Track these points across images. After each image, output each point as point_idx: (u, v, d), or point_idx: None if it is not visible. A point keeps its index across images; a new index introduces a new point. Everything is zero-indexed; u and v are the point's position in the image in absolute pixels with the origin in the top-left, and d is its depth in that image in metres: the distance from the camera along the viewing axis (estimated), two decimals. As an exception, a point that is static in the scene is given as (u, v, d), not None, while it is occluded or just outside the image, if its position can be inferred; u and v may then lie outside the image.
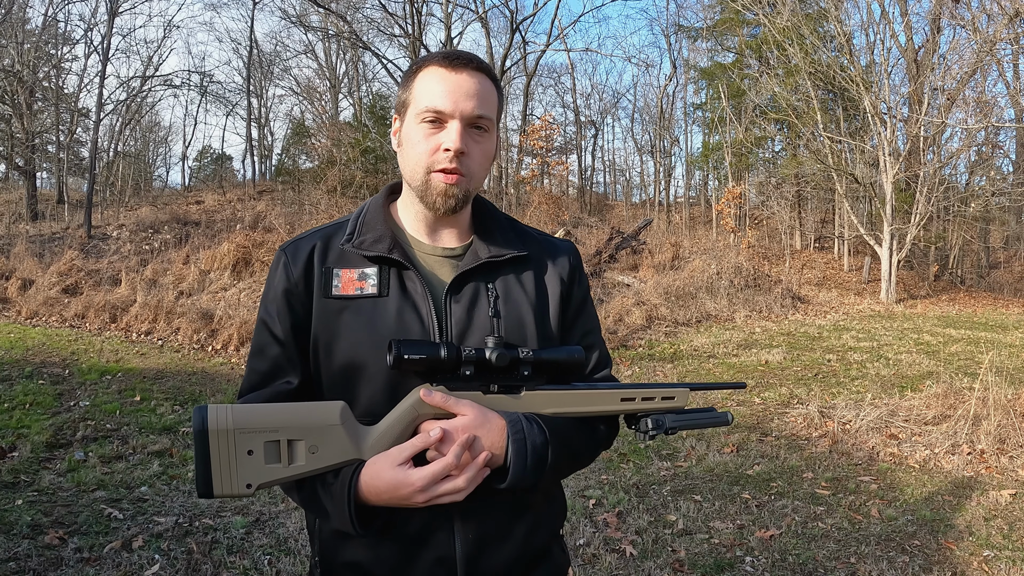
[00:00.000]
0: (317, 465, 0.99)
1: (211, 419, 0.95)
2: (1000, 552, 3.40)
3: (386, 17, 21.26)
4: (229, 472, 0.95)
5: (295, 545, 3.27)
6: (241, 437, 0.95)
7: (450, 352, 1.01)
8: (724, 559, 3.29)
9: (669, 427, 1.17)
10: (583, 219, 21.43)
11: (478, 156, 1.11)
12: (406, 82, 1.13)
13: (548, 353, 1.09)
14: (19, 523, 3.34)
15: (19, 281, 10.67)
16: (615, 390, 1.18)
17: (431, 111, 1.07)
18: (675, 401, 1.20)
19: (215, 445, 0.94)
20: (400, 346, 0.99)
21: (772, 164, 24.80)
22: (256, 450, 0.96)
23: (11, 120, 17.91)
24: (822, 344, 9.64)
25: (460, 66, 1.08)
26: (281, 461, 0.97)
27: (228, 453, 0.95)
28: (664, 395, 1.20)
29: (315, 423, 0.99)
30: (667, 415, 1.18)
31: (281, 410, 0.99)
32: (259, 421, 0.97)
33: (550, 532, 1.21)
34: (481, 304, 1.12)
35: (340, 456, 1.00)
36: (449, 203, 1.10)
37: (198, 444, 0.95)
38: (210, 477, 0.95)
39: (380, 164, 19.91)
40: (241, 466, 0.96)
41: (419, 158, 1.09)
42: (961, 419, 5.13)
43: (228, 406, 0.97)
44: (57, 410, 5.46)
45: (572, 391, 1.13)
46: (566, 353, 1.11)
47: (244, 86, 26.64)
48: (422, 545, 1.09)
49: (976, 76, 17.26)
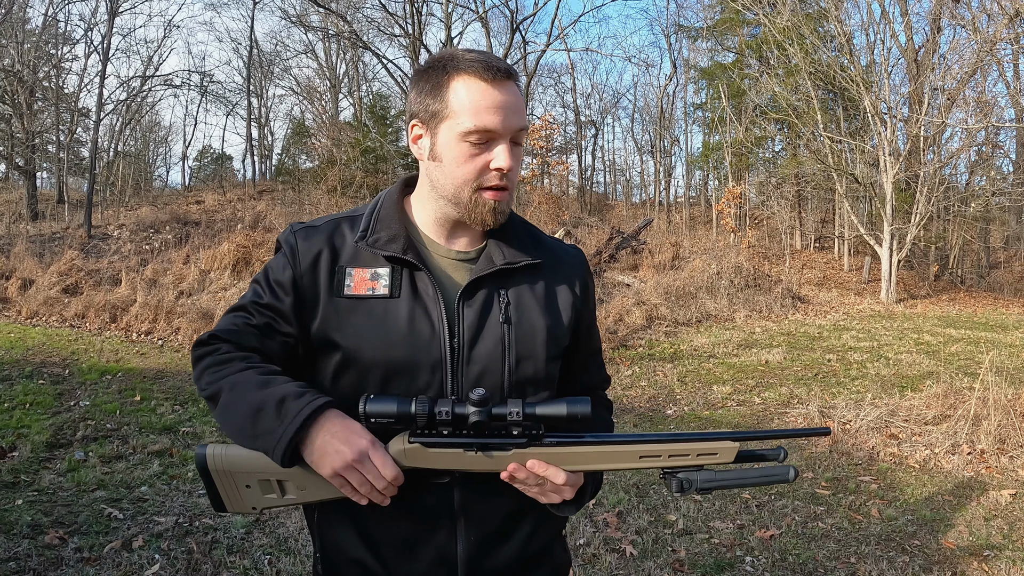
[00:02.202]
0: (310, 499, 1.07)
1: (210, 461, 1.05)
2: (1000, 552, 3.41)
3: (386, 17, 21.26)
4: (235, 498, 1.08)
5: (295, 545, 3.27)
6: (238, 476, 1.06)
7: (421, 408, 0.96)
8: (724, 559, 3.29)
9: (701, 488, 0.99)
10: (583, 219, 21.43)
11: (517, 167, 1.10)
12: (435, 89, 1.06)
13: (545, 407, 0.98)
14: (19, 523, 3.34)
15: (19, 281, 10.67)
16: (634, 444, 1.01)
17: (479, 131, 1.03)
18: (718, 458, 0.99)
19: (218, 479, 1.07)
20: (367, 404, 0.97)
21: (772, 164, 24.79)
22: (252, 485, 1.06)
23: (11, 120, 17.92)
24: (822, 344, 9.64)
25: (501, 79, 1.04)
26: (275, 494, 1.07)
27: (230, 485, 1.07)
28: (702, 451, 0.99)
29: (296, 471, 1.04)
30: (700, 472, 0.99)
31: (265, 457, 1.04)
32: (248, 465, 1.05)
33: (552, 532, 1.20)
34: (493, 310, 1.11)
35: (326, 493, 1.06)
36: (500, 219, 1.10)
37: (204, 478, 1.07)
38: (220, 500, 1.09)
39: (380, 164, 19.93)
40: (243, 495, 1.07)
41: (466, 177, 1.06)
42: (961, 419, 5.13)
43: (223, 450, 1.06)
44: (57, 410, 5.46)
45: (576, 448, 1.01)
46: (567, 407, 0.97)
47: (244, 86, 26.66)
48: (422, 544, 1.09)
49: (976, 76, 17.26)
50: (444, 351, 1.07)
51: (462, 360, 1.08)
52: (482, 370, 1.08)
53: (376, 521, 1.09)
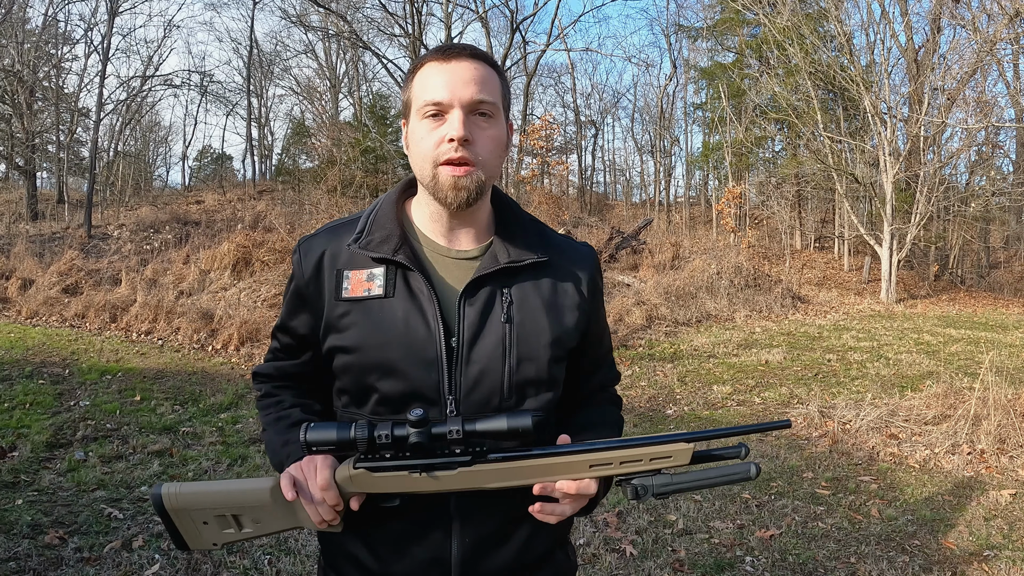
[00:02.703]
0: (266, 531, 1.09)
1: (166, 501, 1.08)
2: (1000, 552, 3.40)
3: (386, 17, 21.27)
4: (194, 535, 1.10)
5: (295, 545, 3.27)
6: (194, 513, 1.09)
7: (361, 433, 0.95)
8: (724, 559, 3.29)
9: (658, 493, 0.97)
10: (583, 219, 21.43)
11: (486, 142, 1.07)
12: (406, 84, 1.12)
13: (485, 423, 0.96)
14: (19, 523, 3.34)
15: (19, 281, 10.67)
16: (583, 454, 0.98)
17: (430, 104, 1.05)
18: (672, 461, 0.96)
19: (176, 518, 1.09)
20: (307, 433, 0.97)
21: (772, 164, 24.79)
22: (209, 522, 1.09)
23: (11, 120, 17.91)
24: (822, 344, 9.64)
25: (454, 55, 1.06)
26: (232, 528, 1.09)
27: (188, 523, 1.09)
28: (655, 455, 0.97)
29: (248, 503, 1.07)
30: (656, 477, 0.97)
31: (217, 493, 1.09)
32: (201, 502, 1.08)
33: (554, 538, 1.17)
34: (495, 309, 1.09)
35: (281, 524, 1.08)
36: (461, 195, 1.06)
37: (162, 518, 1.09)
38: (182, 539, 1.11)
39: (380, 164, 19.93)
40: (202, 532, 1.10)
41: (425, 153, 1.06)
42: (961, 419, 5.13)
43: (177, 488, 1.09)
44: (57, 410, 5.46)
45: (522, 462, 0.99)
46: (507, 422, 0.95)
47: (244, 86, 26.66)
48: (417, 544, 1.09)
49: (976, 76, 17.25)
50: (440, 351, 1.06)
51: (461, 360, 1.07)
52: (482, 370, 1.07)
53: (370, 517, 1.09)
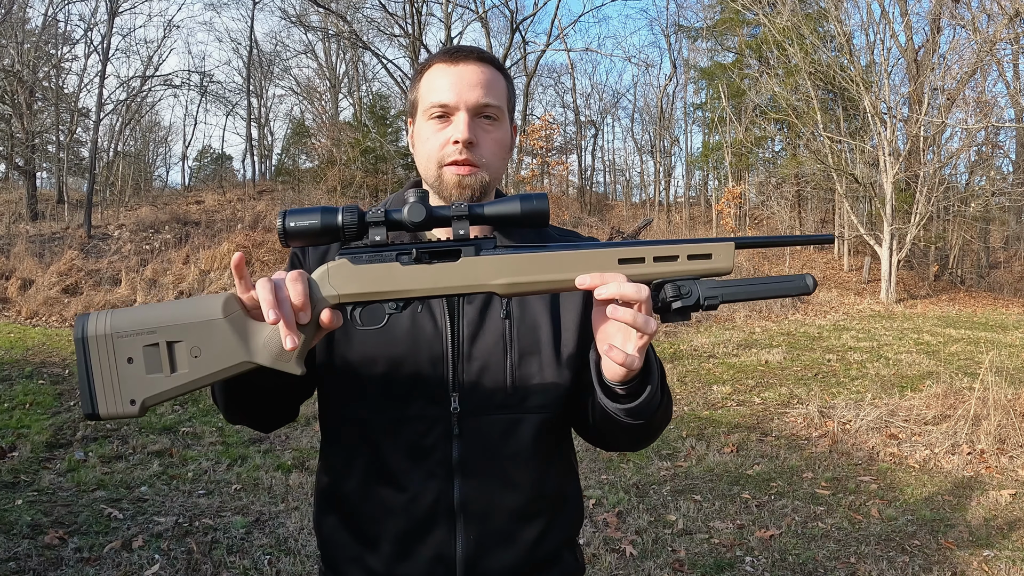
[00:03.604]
0: (202, 372, 0.85)
1: (90, 325, 0.84)
2: (1000, 552, 3.41)
3: (386, 17, 21.26)
4: (112, 386, 0.84)
5: (295, 545, 3.27)
6: (120, 343, 0.84)
7: (349, 217, 0.84)
8: (724, 559, 3.29)
9: (706, 298, 0.82)
10: (583, 219, 21.43)
11: (490, 145, 1.09)
12: (413, 84, 1.14)
13: (494, 206, 0.87)
14: (19, 523, 3.34)
15: (19, 281, 10.68)
16: (609, 248, 0.86)
17: (436, 106, 1.07)
18: (713, 262, 0.83)
19: (95, 355, 0.84)
20: (286, 217, 0.85)
21: (772, 164, 24.81)
22: (136, 357, 0.84)
23: (11, 120, 17.91)
24: (822, 344, 9.64)
25: (461, 58, 1.08)
26: (163, 370, 0.84)
27: (108, 364, 0.84)
28: (693, 252, 0.83)
29: (194, 318, 0.84)
30: (701, 283, 0.83)
31: (161, 308, 0.86)
32: (135, 322, 0.84)
33: (562, 539, 1.16)
34: (494, 305, 1.10)
35: (227, 359, 0.85)
36: (465, 194, 1.07)
37: (79, 355, 0.85)
38: (93, 393, 0.84)
39: (380, 164, 19.92)
40: (123, 379, 0.84)
41: (430, 154, 1.08)
42: (961, 419, 5.13)
43: (109, 310, 0.86)
44: (57, 410, 5.46)
45: (535, 253, 0.85)
46: (521, 203, 0.86)
47: (244, 86, 26.64)
48: (420, 541, 1.08)
49: (976, 76, 17.27)
50: (446, 347, 1.07)
51: (462, 356, 1.07)
52: (483, 366, 1.07)
53: (372, 516, 1.09)
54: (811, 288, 0.82)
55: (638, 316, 0.83)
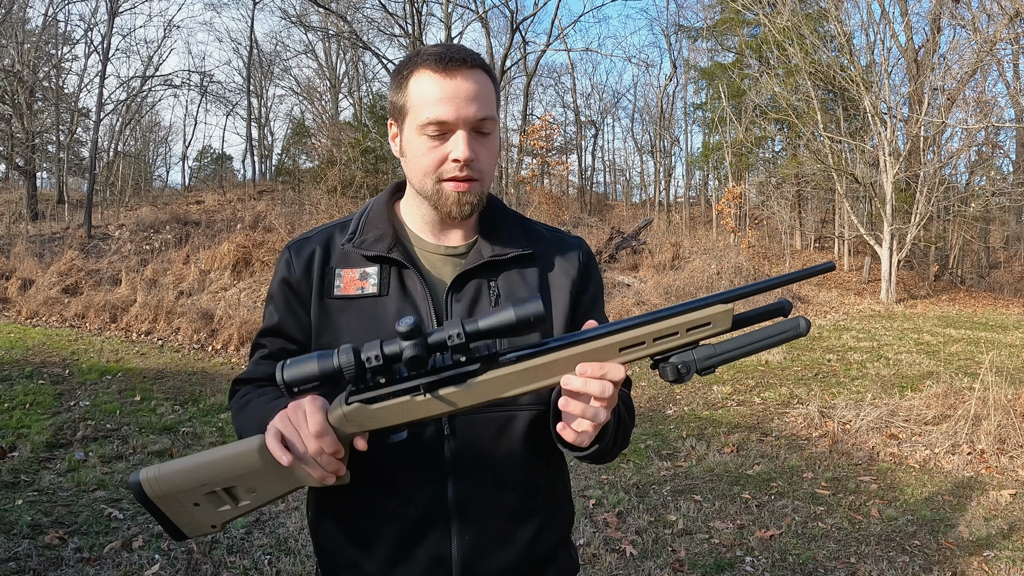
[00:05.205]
0: (265, 499, 0.96)
1: (146, 488, 0.93)
2: (1000, 552, 3.41)
3: (386, 17, 21.27)
4: (189, 521, 0.96)
5: (295, 545, 3.27)
6: (182, 496, 0.94)
7: (346, 360, 0.85)
8: (724, 559, 3.29)
9: (702, 368, 0.85)
10: (583, 219, 21.42)
11: (486, 157, 1.08)
12: (398, 86, 1.08)
13: (488, 319, 0.85)
14: (19, 523, 3.34)
15: (19, 281, 10.67)
16: (609, 336, 0.86)
17: (433, 124, 1.03)
18: (712, 328, 0.85)
19: (163, 506, 0.94)
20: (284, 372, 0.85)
21: (772, 164, 24.79)
22: (201, 503, 0.95)
23: (11, 120, 17.91)
24: (822, 344, 9.64)
25: (455, 68, 1.03)
26: (228, 504, 0.96)
27: (178, 509, 0.95)
28: (692, 323, 0.85)
29: (238, 471, 0.93)
30: (696, 350, 0.85)
31: (201, 467, 0.94)
32: (186, 482, 0.94)
33: (557, 538, 1.17)
34: (483, 302, 1.10)
35: (280, 488, 0.95)
36: (464, 210, 1.08)
37: (147, 508, 0.95)
38: (175, 528, 0.96)
39: (380, 164, 19.90)
40: (196, 515, 0.95)
41: (426, 168, 1.06)
42: (961, 419, 5.13)
43: (156, 472, 0.94)
44: (57, 410, 5.46)
45: (543, 358, 0.87)
46: (515, 311, 0.84)
47: (244, 86, 26.63)
48: (416, 544, 1.07)
49: (976, 76, 17.25)
50: None
51: None
52: None
53: (367, 521, 1.09)
54: (804, 331, 0.84)
55: (588, 409, 0.88)
